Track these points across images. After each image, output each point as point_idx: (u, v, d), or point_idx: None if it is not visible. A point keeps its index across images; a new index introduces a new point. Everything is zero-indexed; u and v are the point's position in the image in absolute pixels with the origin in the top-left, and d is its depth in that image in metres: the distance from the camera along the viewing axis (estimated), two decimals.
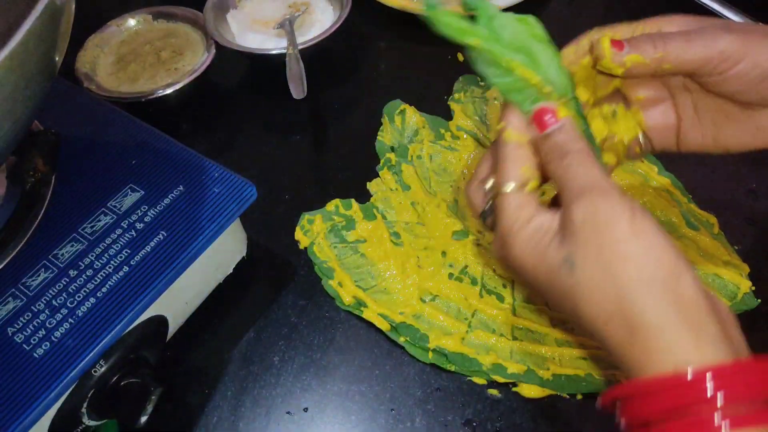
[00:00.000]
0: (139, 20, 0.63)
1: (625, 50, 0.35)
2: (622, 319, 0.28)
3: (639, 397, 0.28)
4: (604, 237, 0.29)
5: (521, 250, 0.31)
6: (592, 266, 0.29)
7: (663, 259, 0.28)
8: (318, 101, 0.61)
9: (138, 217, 0.43)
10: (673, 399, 0.26)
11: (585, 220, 0.29)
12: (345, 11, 0.60)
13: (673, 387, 0.27)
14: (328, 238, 0.50)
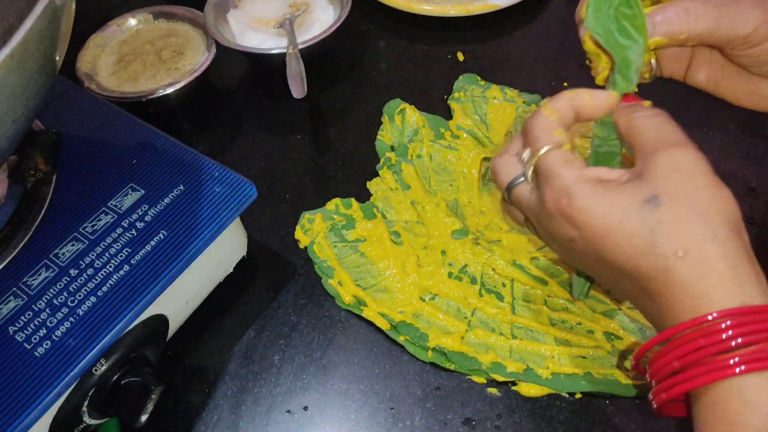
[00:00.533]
0: (140, 20, 0.63)
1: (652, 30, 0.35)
2: (698, 255, 0.29)
3: (665, 346, 0.30)
4: (694, 181, 0.30)
5: (588, 198, 0.31)
6: (679, 205, 0.30)
7: (736, 207, 0.31)
8: (318, 100, 0.61)
9: (138, 216, 0.43)
10: (693, 344, 0.28)
11: (672, 166, 0.31)
12: (345, 10, 0.60)
13: (695, 331, 0.28)
14: (328, 237, 0.50)
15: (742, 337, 0.27)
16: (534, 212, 0.35)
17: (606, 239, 0.31)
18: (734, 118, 0.56)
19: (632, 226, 0.30)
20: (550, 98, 0.36)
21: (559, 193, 0.32)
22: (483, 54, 0.64)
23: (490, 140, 0.56)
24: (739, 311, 0.28)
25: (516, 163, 0.36)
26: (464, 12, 0.64)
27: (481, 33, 0.66)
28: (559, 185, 0.32)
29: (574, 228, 0.32)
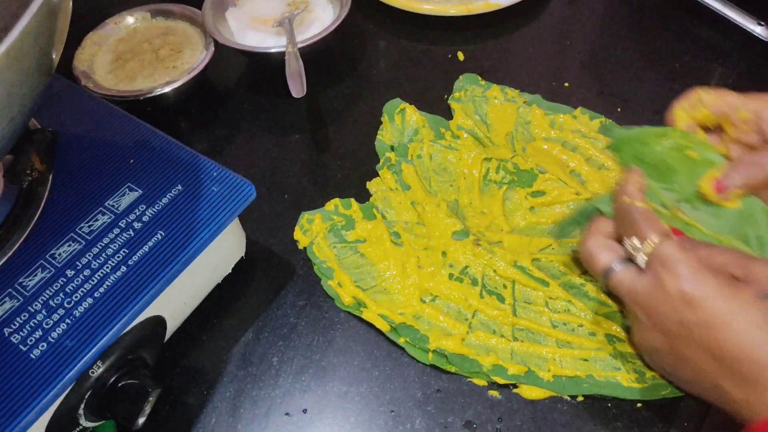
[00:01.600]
0: (138, 18, 0.62)
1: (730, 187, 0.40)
2: None
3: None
4: None
5: (712, 286, 0.34)
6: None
7: None
8: (317, 100, 0.61)
9: (136, 216, 0.42)
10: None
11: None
12: (345, 9, 0.60)
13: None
14: (328, 237, 0.50)
15: None
16: (641, 295, 0.37)
17: (724, 326, 0.34)
18: None
19: (753, 318, 0.33)
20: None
21: (683, 279, 0.35)
22: (483, 54, 0.64)
23: (491, 140, 0.56)
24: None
25: (614, 247, 0.40)
26: (465, 11, 0.64)
27: (482, 33, 0.65)
28: (684, 272, 0.35)
29: (693, 312, 0.35)
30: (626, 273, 0.38)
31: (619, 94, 0.59)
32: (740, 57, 0.61)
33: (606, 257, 0.40)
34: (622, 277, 0.39)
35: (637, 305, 0.38)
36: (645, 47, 0.63)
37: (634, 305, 0.38)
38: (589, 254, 0.40)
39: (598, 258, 0.40)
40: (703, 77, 0.60)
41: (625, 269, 0.39)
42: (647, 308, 0.37)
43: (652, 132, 0.44)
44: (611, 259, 0.39)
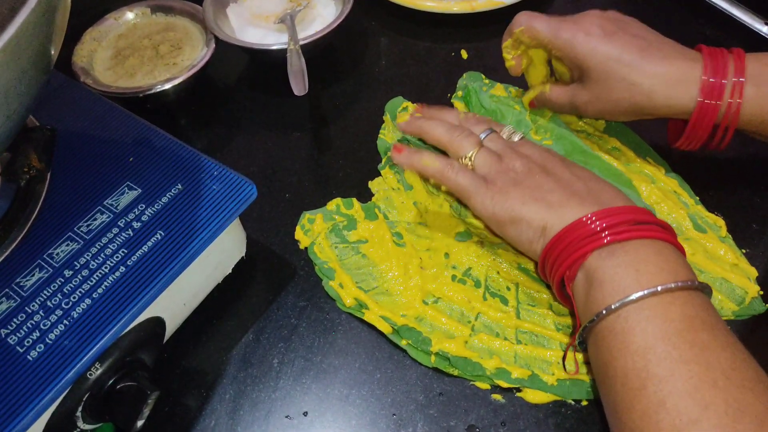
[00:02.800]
0: (138, 13, 0.62)
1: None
2: None
3: (563, 239, 0.39)
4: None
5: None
6: None
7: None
8: (319, 98, 0.60)
9: (135, 216, 0.42)
10: (584, 231, 0.39)
11: None
12: (347, 6, 0.59)
13: (582, 224, 0.39)
14: (329, 238, 0.49)
15: (607, 224, 0.38)
16: (492, 163, 0.46)
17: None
18: None
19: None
20: None
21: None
22: (487, 52, 0.63)
23: None
24: (611, 209, 0.39)
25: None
26: (468, 9, 0.63)
27: (486, 30, 0.65)
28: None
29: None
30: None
31: None
32: None
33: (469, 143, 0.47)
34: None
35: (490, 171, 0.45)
36: None
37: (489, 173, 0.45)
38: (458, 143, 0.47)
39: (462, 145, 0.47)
40: None
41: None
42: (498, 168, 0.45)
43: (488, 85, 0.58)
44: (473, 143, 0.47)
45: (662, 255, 0.37)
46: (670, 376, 0.32)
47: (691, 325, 0.34)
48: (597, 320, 0.36)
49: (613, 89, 0.47)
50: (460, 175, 0.45)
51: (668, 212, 0.49)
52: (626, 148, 0.54)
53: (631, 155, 0.53)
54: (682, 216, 0.48)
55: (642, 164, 0.52)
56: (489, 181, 0.44)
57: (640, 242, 0.38)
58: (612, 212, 0.39)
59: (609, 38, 0.47)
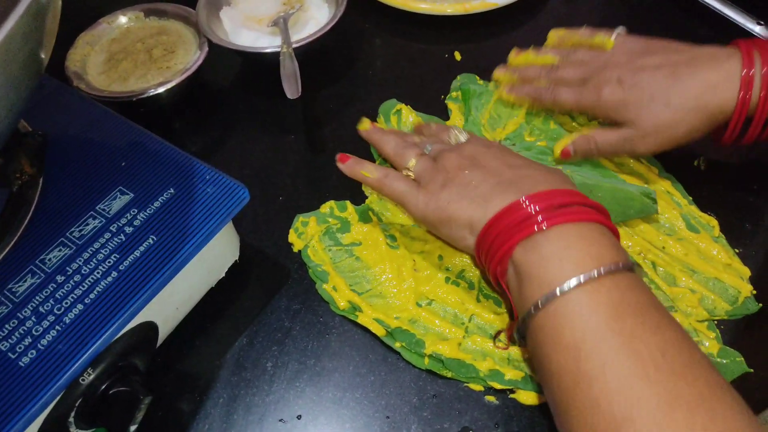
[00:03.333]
0: (131, 17, 0.62)
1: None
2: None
3: (489, 233, 0.39)
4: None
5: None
6: None
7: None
8: (312, 100, 0.60)
9: (127, 220, 0.42)
10: (509, 222, 0.38)
11: None
12: (340, 9, 0.59)
13: (507, 213, 0.39)
14: (323, 240, 0.49)
15: (528, 213, 0.38)
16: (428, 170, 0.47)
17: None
18: None
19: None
20: None
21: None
22: (481, 53, 0.63)
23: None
24: (536, 194, 0.38)
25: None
26: (461, 11, 0.63)
27: (479, 32, 0.65)
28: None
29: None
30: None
31: None
32: None
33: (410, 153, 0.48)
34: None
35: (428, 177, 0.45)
36: None
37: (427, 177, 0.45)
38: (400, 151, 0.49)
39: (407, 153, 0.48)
40: None
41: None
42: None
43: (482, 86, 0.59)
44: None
45: (586, 239, 0.36)
46: (600, 374, 0.32)
47: (616, 312, 0.33)
48: (528, 317, 0.36)
49: (663, 122, 0.46)
50: (395, 182, 0.46)
51: (661, 212, 0.49)
52: None
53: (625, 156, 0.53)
54: (675, 216, 0.48)
55: (635, 165, 0.52)
56: (422, 185, 0.45)
57: (564, 227, 0.37)
58: (534, 198, 0.38)
59: (633, 87, 0.47)
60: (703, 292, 0.45)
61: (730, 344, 0.43)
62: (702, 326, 0.44)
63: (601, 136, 0.49)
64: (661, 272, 0.46)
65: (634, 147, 0.48)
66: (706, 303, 0.45)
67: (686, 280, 0.45)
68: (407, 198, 0.45)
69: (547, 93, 0.53)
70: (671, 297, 0.45)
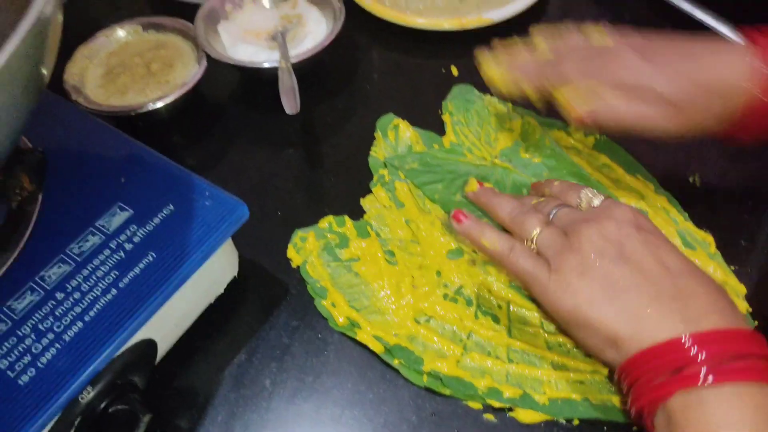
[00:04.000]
0: (129, 31, 0.62)
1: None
2: None
3: (642, 364, 0.34)
4: None
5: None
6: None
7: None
8: (311, 114, 0.60)
9: (127, 237, 0.42)
10: (669, 360, 0.33)
11: None
12: (338, 24, 0.60)
13: (667, 351, 0.34)
14: (321, 256, 0.49)
15: (699, 358, 0.32)
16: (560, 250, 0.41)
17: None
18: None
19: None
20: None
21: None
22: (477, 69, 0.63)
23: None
24: (705, 335, 0.33)
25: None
26: (458, 26, 0.64)
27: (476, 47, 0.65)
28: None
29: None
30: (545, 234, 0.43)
31: None
32: None
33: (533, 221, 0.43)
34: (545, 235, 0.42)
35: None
36: None
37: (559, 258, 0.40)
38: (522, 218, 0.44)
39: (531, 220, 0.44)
40: None
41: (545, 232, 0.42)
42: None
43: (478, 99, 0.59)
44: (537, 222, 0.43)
45: (762, 411, 0.31)
46: None
47: None
48: None
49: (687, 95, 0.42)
50: (521, 259, 0.41)
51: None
52: (616, 165, 0.54)
53: (621, 172, 0.54)
54: (672, 233, 0.49)
55: (631, 181, 0.53)
56: (553, 266, 0.40)
57: (737, 388, 0.31)
58: (707, 338, 0.32)
59: (660, 69, 0.43)
60: None
61: None
62: None
63: (631, 108, 0.43)
64: None
65: (657, 122, 0.43)
66: None
67: None
68: (535, 282, 0.40)
69: (549, 68, 0.47)
70: None
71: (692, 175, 0.54)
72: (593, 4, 0.71)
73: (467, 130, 0.57)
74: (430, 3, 0.65)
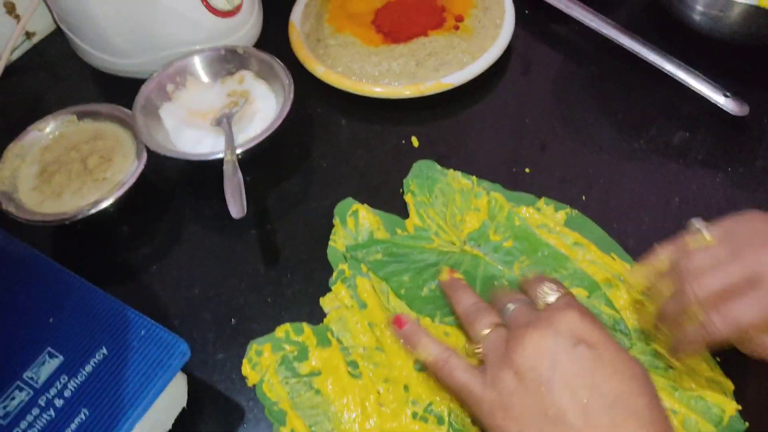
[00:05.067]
0: (63, 122, 0.57)
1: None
2: None
3: None
4: None
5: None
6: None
7: None
8: (264, 202, 0.56)
9: (57, 391, 0.38)
10: None
11: None
12: (288, 101, 0.56)
13: None
14: (279, 372, 0.46)
15: None
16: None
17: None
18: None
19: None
20: None
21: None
22: (439, 137, 0.60)
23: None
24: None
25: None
26: (416, 93, 0.60)
27: (436, 113, 0.62)
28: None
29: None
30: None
31: (582, 179, 0.56)
32: (708, 130, 0.58)
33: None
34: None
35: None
36: (609, 120, 0.60)
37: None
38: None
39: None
40: (671, 153, 0.57)
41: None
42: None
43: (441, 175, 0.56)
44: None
45: None
46: None
47: None
48: None
49: None
50: (456, 371, 0.39)
51: (639, 322, 0.46)
52: (589, 243, 0.51)
53: (594, 250, 0.50)
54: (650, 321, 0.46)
55: (607, 261, 0.50)
56: (489, 378, 0.38)
57: None
58: None
59: None
60: (685, 413, 0.42)
61: None
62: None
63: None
64: None
65: None
66: (689, 425, 0.42)
67: (667, 399, 0.43)
68: (469, 397, 0.38)
69: (712, 318, 0.38)
70: None
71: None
72: (555, 57, 0.67)
73: (432, 211, 0.53)
74: (386, 69, 0.61)
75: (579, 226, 0.52)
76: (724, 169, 0.56)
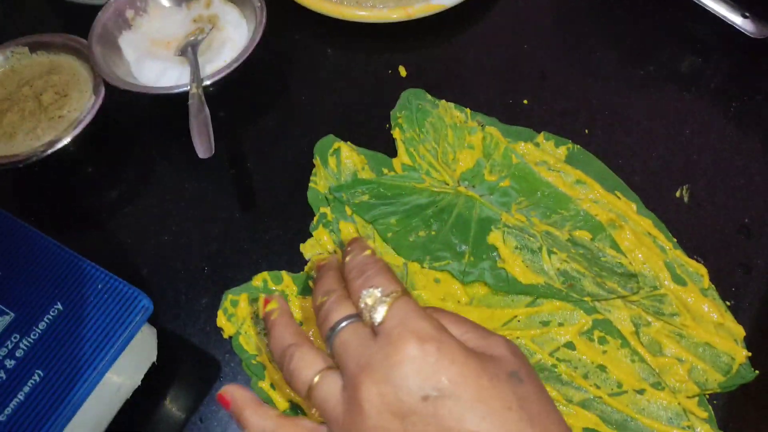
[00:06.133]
0: (14, 54, 0.52)
1: None
2: None
3: None
4: None
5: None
6: None
7: None
8: (238, 140, 0.52)
9: (8, 351, 0.34)
10: None
11: None
12: (260, 28, 0.50)
13: None
14: (257, 323, 0.42)
15: None
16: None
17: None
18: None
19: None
20: None
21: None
22: (429, 67, 0.55)
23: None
24: None
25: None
26: (404, 16, 0.54)
27: (426, 41, 0.56)
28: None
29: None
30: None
31: (585, 111, 0.51)
32: (723, 54, 0.53)
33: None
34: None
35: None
36: (614, 46, 0.55)
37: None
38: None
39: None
40: (682, 81, 0.52)
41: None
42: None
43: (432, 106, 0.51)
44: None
45: None
46: None
47: None
48: None
49: None
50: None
51: (643, 261, 0.43)
52: (592, 181, 0.47)
53: (598, 188, 0.46)
54: (660, 267, 0.42)
55: (612, 200, 0.46)
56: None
57: None
58: None
59: None
60: (692, 362, 0.39)
61: (724, 422, 0.38)
62: (692, 404, 0.38)
63: None
64: (645, 339, 0.40)
65: None
66: (696, 374, 0.39)
67: (673, 347, 0.40)
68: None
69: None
70: (657, 369, 0.39)
71: (680, 188, 0.47)
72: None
73: (422, 148, 0.49)
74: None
75: (581, 162, 0.48)
76: (740, 98, 0.51)
